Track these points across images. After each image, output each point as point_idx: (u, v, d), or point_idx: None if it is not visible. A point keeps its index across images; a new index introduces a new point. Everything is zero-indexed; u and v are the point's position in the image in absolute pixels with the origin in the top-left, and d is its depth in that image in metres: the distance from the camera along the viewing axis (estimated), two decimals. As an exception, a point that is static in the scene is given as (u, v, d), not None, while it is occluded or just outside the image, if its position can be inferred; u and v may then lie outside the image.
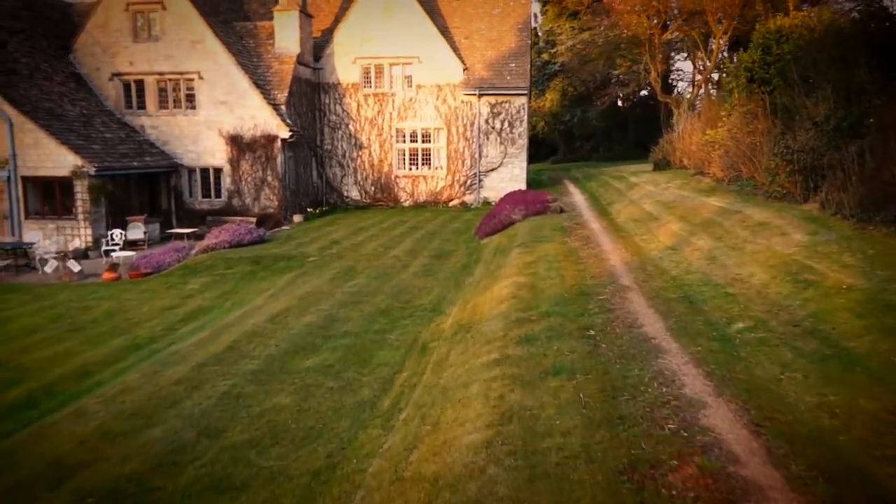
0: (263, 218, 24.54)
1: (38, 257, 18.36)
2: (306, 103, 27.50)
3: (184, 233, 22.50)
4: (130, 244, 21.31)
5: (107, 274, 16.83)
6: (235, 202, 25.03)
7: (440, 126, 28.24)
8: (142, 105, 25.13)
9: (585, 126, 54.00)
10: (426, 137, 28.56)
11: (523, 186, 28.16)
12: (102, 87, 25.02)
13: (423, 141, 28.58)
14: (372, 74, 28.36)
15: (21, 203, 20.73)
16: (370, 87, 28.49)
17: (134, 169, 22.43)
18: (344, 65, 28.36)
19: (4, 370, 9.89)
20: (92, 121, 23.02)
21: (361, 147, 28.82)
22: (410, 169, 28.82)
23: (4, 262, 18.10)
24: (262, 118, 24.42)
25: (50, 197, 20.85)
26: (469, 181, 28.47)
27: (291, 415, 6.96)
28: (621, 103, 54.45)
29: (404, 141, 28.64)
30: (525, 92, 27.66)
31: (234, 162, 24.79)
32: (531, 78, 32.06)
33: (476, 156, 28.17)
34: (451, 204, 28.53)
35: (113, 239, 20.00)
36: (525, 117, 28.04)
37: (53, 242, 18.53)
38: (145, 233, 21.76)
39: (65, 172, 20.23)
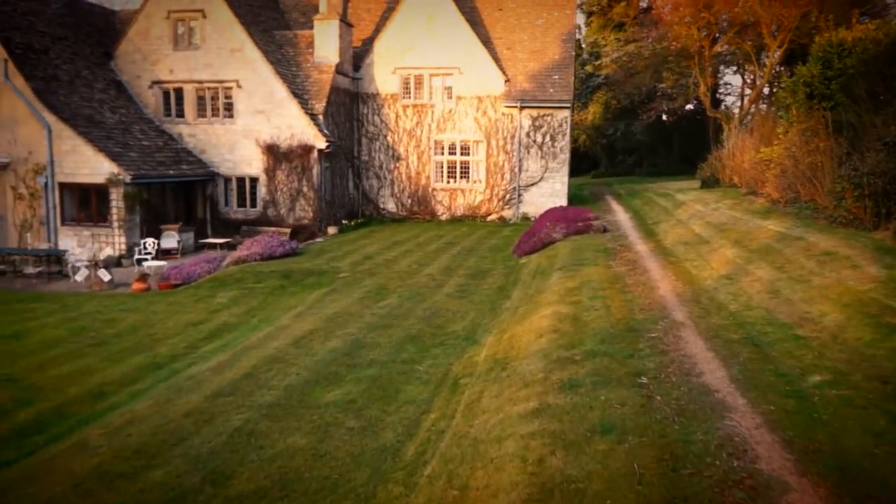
0: (298, 229, 24.15)
1: (71, 265, 18.18)
2: (344, 113, 27.11)
3: (217, 243, 22.21)
4: (164, 253, 21.09)
5: (136, 284, 16.52)
6: (270, 212, 24.70)
7: (479, 139, 27.57)
8: (180, 113, 25.03)
9: (629, 140, 52.79)
10: (465, 150, 27.91)
11: (564, 202, 27.28)
12: (142, 95, 24.99)
13: (462, 153, 27.93)
14: (411, 85, 27.86)
15: (58, 209, 20.67)
16: (409, 98, 27.99)
17: (170, 177, 22.24)
18: (383, 75, 27.93)
19: (18, 388, 9.46)
20: (130, 128, 22.94)
21: (399, 159, 28.30)
22: (448, 182, 28.19)
23: (37, 269, 17.95)
24: (300, 128, 24.07)
25: (86, 204, 20.75)
26: (508, 196, 27.70)
27: (305, 460, 6.29)
28: (666, 117, 53.10)
29: (443, 153, 28.04)
30: (568, 105, 26.83)
31: (270, 171, 24.48)
32: (574, 90, 31.18)
33: (516, 170, 27.41)
34: (489, 219, 27.79)
35: (146, 248, 19.77)
36: (567, 131, 27.19)
37: (87, 250, 18.33)
38: (179, 242, 21.52)
39: (101, 179, 20.10)
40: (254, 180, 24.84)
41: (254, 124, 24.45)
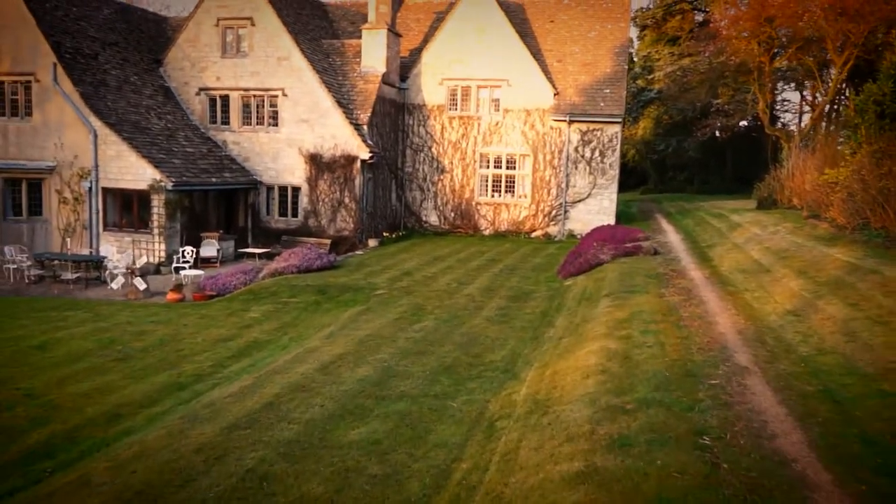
0: (338, 240, 23.75)
1: (109, 271, 18.06)
2: (389, 124, 26.70)
3: (256, 253, 21.94)
4: (204, 261, 20.91)
5: (171, 294, 16.24)
6: (311, 222, 24.38)
7: (526, 152, 26.82)
8: (226, 120, 24.96)
9: (680, 156, 51.28)
10: (511, 164, 27.19)
11: (612, 220, 26.31)
12: (189, 102, 25.02)
13: (508, 167, 27.22)
14: (458, 96, 27.32)
15: (100, 214, 20.69)
16: (455, 110, 27.44)
17: (212, 185, 22.10)
18: (430, 86, 27.45)
19: (35, 406, 9.08)
20: (175, 134, 22.91)
21: (443, 171, 27.74)
22: (493, 196, 27.50)
23: (76, 275, 17.88)
24: (343, 138, 23.71)
25: (128, 209, 20.72)
26: (554, 211, 26.86)
27: (320, 514, 5.65)
28: (719, 134, 51.59)
29: (488, 166, 27.38)
30: (619, 120, 25.90)
31: (313, 181, 24.17)
32: (625, 105, 30.19)
33: (563, 185, 26.56)
34: (534, 235, 26.98)
35: (184, 256, 19.56)
36: (618, 147, 26.24)
37: (125, 257, 18.20)
38: (219, 250, 21.31)
39: (143, 186, 20.03)
40: (296, 190, 24.57)
41: (298, 133, 24.20)
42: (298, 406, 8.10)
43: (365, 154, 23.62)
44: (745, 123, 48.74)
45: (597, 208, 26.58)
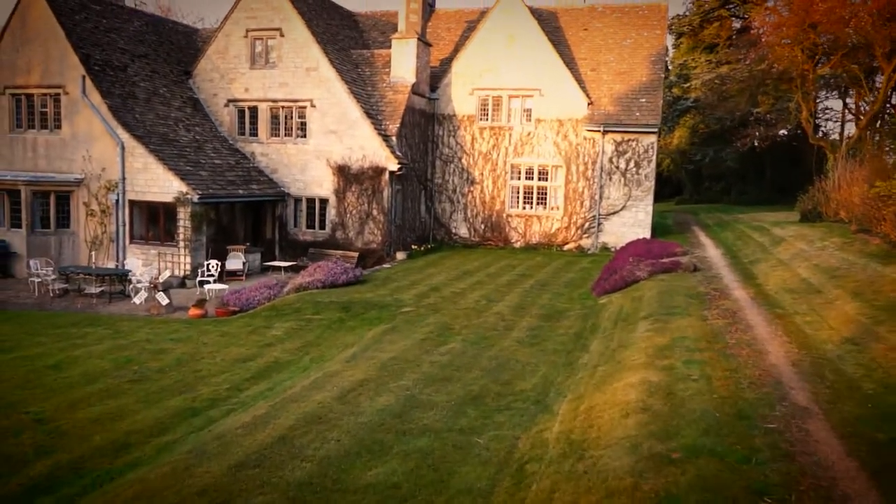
0: (365, 253, 23.31)
1: (132, 285, 17.82)
2: (419, 134, 26.23)
3: (281, 266, 21.58)
4: (230, 274, 20.62)
5: (193, 310, 15.90)
6: (339, 235, 23.98)
7: (559, 163, 26.11)
8: (254, 132, 24.75)
9: (717, 166, 49.90)
10: (543, 175, 26.51)
11: (647, 233, 25.44)
12: (218, 113, 24.87)
13: (540, 178, 26.54)
14: (489, 106, 26.75)
15: (127, 227, 20.54)
16: (486, 120, 26.88)
17: (239, 197, 21.83)
18: (461, 96, 26.94)
19: (43, 433, 8.69)
20: (203, 146, 22.74)
21: (473, 182, 27.17)
22: (524, 208, 26.83)
23: (99, 289, 17.67)
24: (372, 149, 23.29)
25: (154, 222, 20.54)
26: (587, 224, 26.08)
27: (329, 575, 5.06)
28: (758, 143, 50.25)
29: (519, 178, 26.74)
30: (655, 130, 25.06)
31: (340, 193, 23.78)
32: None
33: (596, 197, 25.77)
34: (566, 248, 26.22)
35: (208, 269, 19.26)
36: (654, 157, 25.39)
37: (148, 271, 17.94)
38: (245, 263, 21.01)
39: (169, 198, 19.83)
40: (323, 202, 24.22)
41: (326, 144, 23.86)
42: (313, 441, 7.54)
43: (393, 165, 23.17)
44: (785, 132, 47.28)
45: (632, 221, 25.73)
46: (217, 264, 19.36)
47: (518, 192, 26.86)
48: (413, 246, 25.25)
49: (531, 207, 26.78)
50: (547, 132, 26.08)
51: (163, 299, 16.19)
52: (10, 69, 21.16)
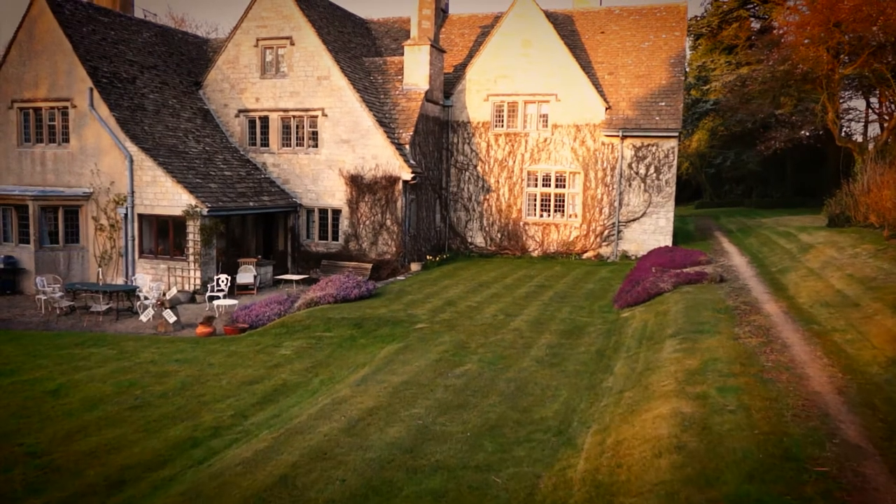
0: (379, 264, 22.79)
1: (140, 302, 17.41)
2: (432, 142, 25.71)
3: (293, 279, 21.11)
4: (241, 288, 20.21)
5: (201, 328, 15.43)
6: (352, 246, 23.49)
7: (576, 170, 25.45)
8: (265, 142, 24.37)
9: (738, 169, 48.94)
10: (560, 182, 25.86)
11: (669, 240, 24.70)
12: (228, 124, 24.52)
13: (557, 185, 25.90)
14: (504, 113, 26.17)
15: (136, 241, 20.19)
16: (502, 127, 26.30)
17: (249, 209, 21.41)
18: (475, 102, 26.39)
19: (35, 468, 8.21)
20: (213, 158, 22.37)
21: (489, 190, 26.58)
22: (541, 216, 26.19)
23: (106, 306, 17.28)
24: (385, 158, 22.80)
25: (164, 236, 20.17)
26: (606, 231, 25.37)
27: None
28: (779, 145, 49.30)
29: (536, 185, 26.11)
30: (676, 134, 24.33)
31: (353, 203, 23.30)
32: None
33: (615, 203, 25.08)
34: (585, 256, 25.53)
35: (219, 284, 18.83)
36: (674, 162, 24.66)
37: (155, 288, 17.52)
38: (256, 276, 20.57)
39: (179, 212, 19.46)
40: (336, 212, 23.75)
41: (338, 154, 23.41)
42: (316, 481, 6.98)
43: (407, 174, 22.66)
44: (807, 134, 46.25)
45: (652, 228, 25.00)
46: (227, 278, 18.93)
47: (535, 200, 26.23)
48: (428, 256, 24.71)
49: (548, 215, 26.14)
50: (564, 138, 25.45)
51: (170, 317, 15.75)
52: (18, 83, 20.95)
